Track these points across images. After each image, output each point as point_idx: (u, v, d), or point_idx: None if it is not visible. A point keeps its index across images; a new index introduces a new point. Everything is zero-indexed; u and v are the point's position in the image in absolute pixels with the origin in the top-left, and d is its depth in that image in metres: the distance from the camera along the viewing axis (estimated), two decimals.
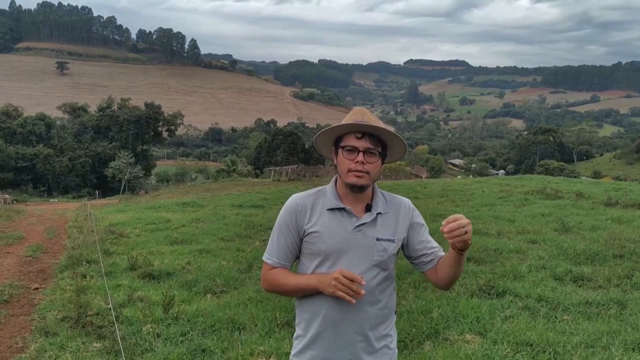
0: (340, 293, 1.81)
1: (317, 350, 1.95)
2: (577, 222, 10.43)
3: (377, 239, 1.94)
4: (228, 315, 5.09)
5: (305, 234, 1.96)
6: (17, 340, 4.82)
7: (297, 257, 2.04)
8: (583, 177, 46.86)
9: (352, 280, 1.80)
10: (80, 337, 4.71)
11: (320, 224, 1.95)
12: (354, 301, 1.81)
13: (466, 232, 1.75)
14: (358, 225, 1.94)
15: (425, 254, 2.01)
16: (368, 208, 1.97)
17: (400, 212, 2.02)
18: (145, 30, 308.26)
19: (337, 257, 1.91)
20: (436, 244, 2.04)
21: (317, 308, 1.94)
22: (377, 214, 1.96)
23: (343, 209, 1.95)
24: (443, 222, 1.77)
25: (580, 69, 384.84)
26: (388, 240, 1.96)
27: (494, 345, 4.20)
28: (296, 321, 2.05)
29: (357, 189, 1.93)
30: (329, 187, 2.02)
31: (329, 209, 1.96)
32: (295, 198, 2.02)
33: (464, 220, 1.76)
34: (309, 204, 1.99)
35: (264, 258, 2.03)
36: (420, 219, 2.06)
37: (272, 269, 2.00)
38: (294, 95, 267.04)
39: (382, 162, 1.97)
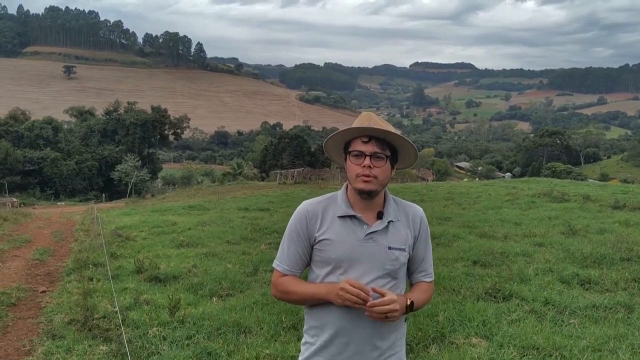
0: (348, 302, 1.80)
1: (325, 358, 1.93)
2: (584, 225, 10.37)
3: (389, 248, 1.91)
4: (234, 318, 5.09)
5: (316, 241, 1.94)
6: (24, 343, 4.84)
7: (308, 265, 2.01)
8: (590, 180, 46.68)
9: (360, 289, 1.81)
10: (87, 340, 4.72)
11: (331, 232, 1.92)
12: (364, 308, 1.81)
13: (387, 317, 1.83)
14: (369, 233, 1.91)
15: (413, 277, 2.08)
16: (380, 215, 1.94)
17: (409, 219, 1.99)
18: (151, 34, 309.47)
19: (348, 265, 1.89)
20: (425, 269, 2.06)
21: (327, 316, 1.92)
22: (389, 222, 1.93)
23: (354, 216, 1.92)
24: (379, 299, 1.81)
25: (587, 71, 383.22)
26: (400, 249, 1.93)
27: (500, 349, 4.19)
28: (304, 328, 2.03)
29: (365, 195, 1.90)
30: (340, 194, 1.99)
31: (339, 217, 1.93)
32: (305, 205, 1.99)
33: (390, 306, 1.81)
34: (320, 210, 1.96)
35: (274, 265, 2.01)
36: (425, 234, 2.05)
37: (282, 276, 1.98)
38: (299, 99, 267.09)
39: (392, 167, 1.94)
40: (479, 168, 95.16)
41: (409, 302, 1.88)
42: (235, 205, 18.51)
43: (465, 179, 58.59)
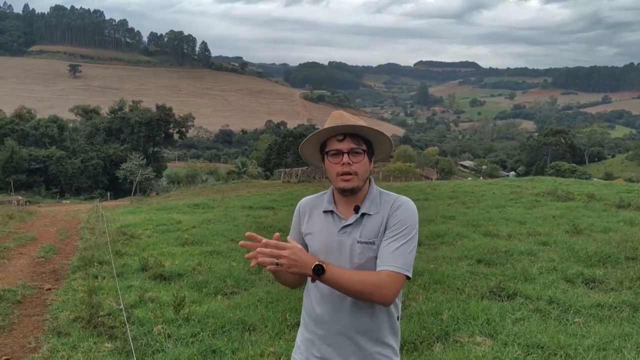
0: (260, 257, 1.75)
1: (309, 348, 2.02)
2: (588, 224, 10.34)
3: (358, 241, 1.92)
4: (238, 316, 5.11)
5: (304, 234, 2.05)
6: (30, 340, 4.87)
7: None
8: (595, 179, 46.58)
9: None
10: (92, 338, 4.75)
11: (313, 226, 2.02)
12: (253, 264, 1.78)
13: (278, 264, 1.71)
14: (343, 227, 1.95)
15: (377, 266, 1.87)
16: (356, 209, 1.97)
17: (389, 210, 1.94)
18: (156, 33, 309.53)
19: (325, 258, 1.87)
20: (386, 256, 1.86)
21: (309, 307, 2.02)
22: (362, 214, 1.94)
23: (332, 211, 1.99)
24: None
25: (591, 70, 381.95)
26: (367, 242, 1.91)
27: (504, 347, 4.19)
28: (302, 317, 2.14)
29: (348, 192, 1.94)
30: (329, 191, 2.06)
31: (324, 212, 2.02)
32: (301, 201, 2.13)
33: (280, 251, 1.71)
34: (311, 206, 2.08)
35: None
36: (395, 219, 1.90)
37: None
38: (304, 97, 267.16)
39: (371, 160, 1.97)
40: (483, 167, 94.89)
41: (313, 265, 1.73)
42: (239, 203, 18.55)
43: (470, 178, 58.45)
